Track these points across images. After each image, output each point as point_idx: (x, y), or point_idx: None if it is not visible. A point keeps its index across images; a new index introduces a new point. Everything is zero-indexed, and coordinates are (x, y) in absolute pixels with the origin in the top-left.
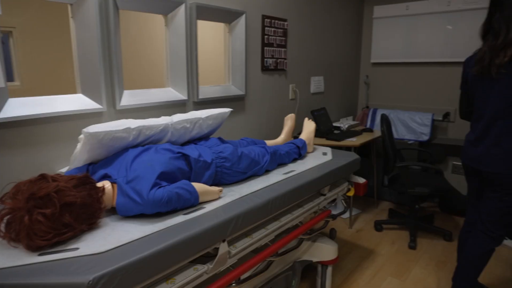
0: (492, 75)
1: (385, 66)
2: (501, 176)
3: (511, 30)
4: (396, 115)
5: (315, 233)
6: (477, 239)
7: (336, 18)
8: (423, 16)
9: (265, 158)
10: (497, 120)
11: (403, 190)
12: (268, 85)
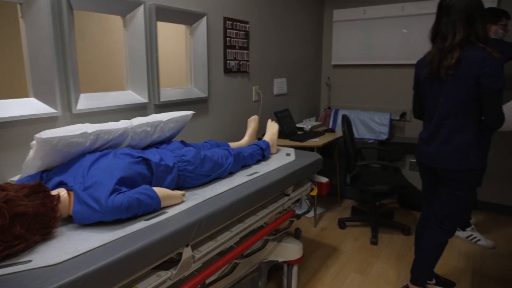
0: (441, 76)
1: (345, 68)
2: (452, 172)
3: (457, 33)
4: (356, 115)
5: (280, 233)
6: (431, 233)
7: (297, 21)
8: (380, 20)
9: (228, 160)
10: (447, 119)
11: (364, 188)
12: (231, 87)
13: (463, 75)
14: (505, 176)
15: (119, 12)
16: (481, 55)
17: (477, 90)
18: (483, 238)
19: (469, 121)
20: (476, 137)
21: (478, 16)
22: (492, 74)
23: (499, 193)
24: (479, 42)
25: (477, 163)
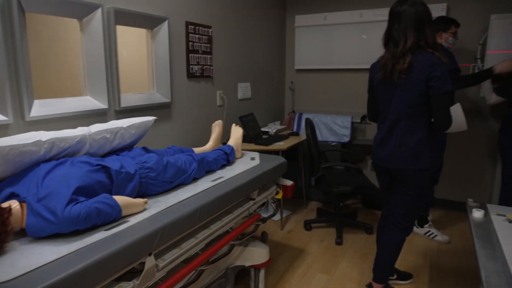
0: (394, 80)
1: (308, 72)
2: (406, 172)
3: (408, 39)
4: (319, 118)
5: (246, 237)
6: (390, 232)
7: (261, 26)
8: (340, 26)
9: (192, 166)
10: (399, 121)
11: (328, 189)
12: (194, 92)
13: (414, 79)
14: (457, 174)
15: (75, 16)
16: (431, 60)
17: (427, 93)
18: (440, 233)
19: (420, 123)
20: (427, 138)
21: (427, 23)
22: (440, 77)
23: (452, 190)
24: (428, 47)
25: (428, 163)
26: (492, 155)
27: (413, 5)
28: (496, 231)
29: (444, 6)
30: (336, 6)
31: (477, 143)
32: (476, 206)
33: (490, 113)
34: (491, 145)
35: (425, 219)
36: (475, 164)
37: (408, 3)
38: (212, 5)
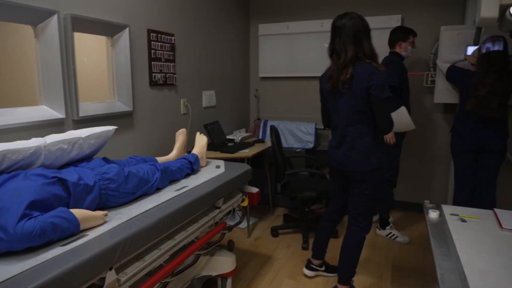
0: (339, 90)
1: (272, 80)
2: (359, 173)
3: (348, 51)
4: (284, 125)
5: (212, 246)
6: (350, 232)
7: (225, 34)
8: (302, 35)
9: (155, 175)
10: (348, 127)
11: (293, 195)
12: (158, 101)
13: (356, 88)
14: (415, 177)
15: (29, 22)
16: (369, 70)
17: (369, 100)
18: (400, 234)
19: (367, 127)
20: (374, 141)
21: (364, 36)
22: (378, 85)
23: (411, 192)
24: (367, 58)
25: (376, 163)
26: (446, 157)
27: (351, 19)
28: (450, 230)
29: (399, 17)
30: (297, 16)
31: (432, 146)
32: (432, 207)
33: (444, 118)
34: (445, 148)
35: (386, 221)
36: (432, 167)
37: (346, 17)
38: (175, 13)
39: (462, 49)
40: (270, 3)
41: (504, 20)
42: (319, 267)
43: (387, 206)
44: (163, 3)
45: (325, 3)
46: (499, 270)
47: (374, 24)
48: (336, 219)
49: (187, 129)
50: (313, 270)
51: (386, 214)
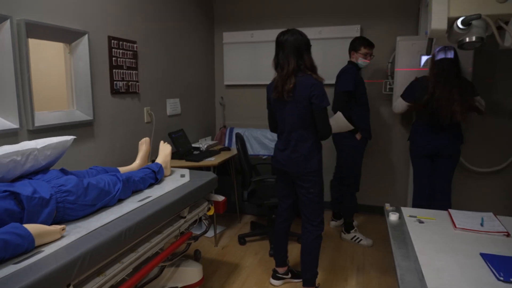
0: (285, 98)
1: (237, 88)
2: (302, 174)
3: (290, 64)
4: (250, 133)
5: (178, 257)
6: (306, 232)
7: (189, 42)
8: (266, 44)
9: (116, 186)
10: (292, 132)
11: (260, 202)
12: (120, 109)
13: (299, 97)
14: (376, 181)
15: None
16: (311, 81)
17: (311, 108)
18: (364, 238)
19: (309, 132)
20: (316, 144)
21: (305, 50)
22: (319, 95)
23: (373, 196)
24: (308, 70)
25: (317, 165)
26: (406, 162)
27: (293, 35)
28: (409, 232)
29: (358, 27)
30: (261, 24)
31: (392, 151)
32: (392, 210)
33: (402, 124)
34: (404, 153)
35: (351, 225)
36: (392, 171)
37: (288, 33)
38: (137, 20)
39: (417, 58)
40: (234, 11)
41: (452, 31)
42: (285, 275)
43: (351, 210)
44: (124, 10)
45: (288, 13)
46: (453, 268)
47: (335, 33)
48: (288, 219)
49: (151, 138)
50: (279, 279)
51: (350, 218)
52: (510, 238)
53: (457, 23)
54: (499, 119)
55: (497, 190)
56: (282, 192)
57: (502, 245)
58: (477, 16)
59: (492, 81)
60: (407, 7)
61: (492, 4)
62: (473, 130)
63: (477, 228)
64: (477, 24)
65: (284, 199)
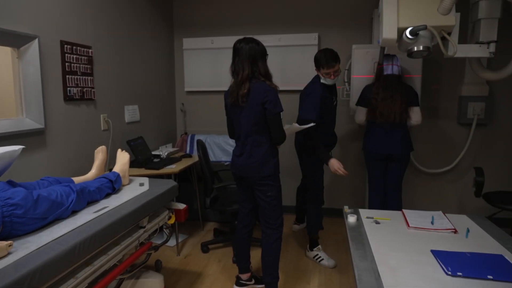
0: (240, 104)
1: (198, 94)
2: (258, 179)
3: (245, 70)
4: (212, 139)
5: (137, 269)
6: (265, 235)
7: (148, 48)
8: (226, 50)
9: (70, 197)
10: (248, 137)
11: (222, 208)
12: (74, 117)
13: (253, 102)
14: (336, 185)
15: None
16: (264, 88)
17: (265, 114)
18: (327, 258)
19: (264, 137)
20: (271, 149)
21: (259, 58)
22: (272, 101)
23: (334, 199)
24: (262, 76)
25: (272, 169)
26: (363, 165)
27: (248, 43)
28: (366, 233)
29: (316, 35)
30: (221, 31)
31: (350, 155)
32: (350, 212)
33: (359, 128)
34: (362, 157)
35: (315, 242)
36: (351, 175)
37: (244, 41)
38: (92, 25)
39: (371, 65)
40: (194, 18)
41: (402, 41)
42: (248, 281)
43: (316, 227)
44: (79, 14)
45: (248, 20)
46: (407, 265)
47: (294, 41)
48: (249, 224)
49: (108, 146)
50: (243, 285)
51: (315, 234)
52: (457, 234)
53: (406, 33)
54: (446, 123)
55: (446, 189)
56: (242, 197)
57: (450, 241)
58: (423, 27)
59: (439, 87)
60: (362, 16)
61: (436, 16)
62: (423, 134)
63: (428, 227)
64: (423, 34)
65: (244, 204)
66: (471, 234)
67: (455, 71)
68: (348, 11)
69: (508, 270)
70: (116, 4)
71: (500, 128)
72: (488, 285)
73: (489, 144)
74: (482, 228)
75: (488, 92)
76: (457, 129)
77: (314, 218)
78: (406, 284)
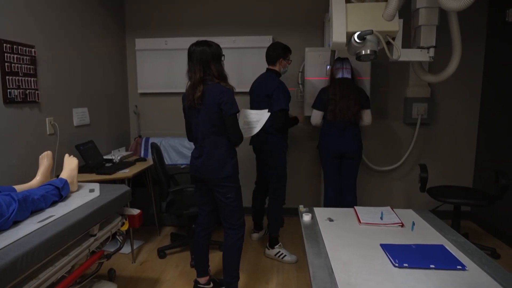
0: (196, 106)
1: (152, 96)
2: (217, 180)
3: (197, 73)
4: (167, 142)
5: (88, 279)
6: (227, 237)
7: (98, 48)
8: (181, 51)
9: (11, 207)
10: (205, 138)
11: (179, 212)
12: (16, 120)
13: (208, 104)
14: (293, 184)
15: None
16: (220, 89)
17: (221, 115)
18: (288, 253)
19: (222, 138)
20: (229, 150)
21: (211, 61)
22: (228, 101)
23: (291, 199)
24: (216, 78)
25: (231, 170)
26: (318, 164)
27: (199, 46)
28: (320, 231)
29: (271, 38)
30: (175, 32)
31: (305, 155)
32: (305, 211)
33: (313, 129)
34: (316, 157)
35: (275, 240)
36: (306, 174)
37: (196, 44)
38: (36, 23)
39: (323, 68)
40: (147, 18)
41: (351, 45)
42: (206, 285)
43: (277, 225)
44: (20, 12)
45: (203, 21)
46: (359, 260)
47: (248, 43)
48: (208, 226)
49: (55, 151)
50: None
51: (276, 233)
52: (404, 228)
53: (354, 37)
54: (393, 123)
55: (394, 186)
56: (201, 199)
57: (398, 235)
58: (370, 32)
59: (388, 89)
60: (314, 20)
61: (381, 22)
62: (372, 133)
63: (377, 222)
64: (370, 38)
65: (203, 206)
66: (416, 227)
67: (400, 74)
68: (301, 14)
69: (448, 259)
70: (62, 2)
71: (441, 127)
72: (431, 273)
73: (432, 142)
74: (426, 221)
75: (430, 94)
76: (403, 128)
77: (276, 216)
78: (357, 277)
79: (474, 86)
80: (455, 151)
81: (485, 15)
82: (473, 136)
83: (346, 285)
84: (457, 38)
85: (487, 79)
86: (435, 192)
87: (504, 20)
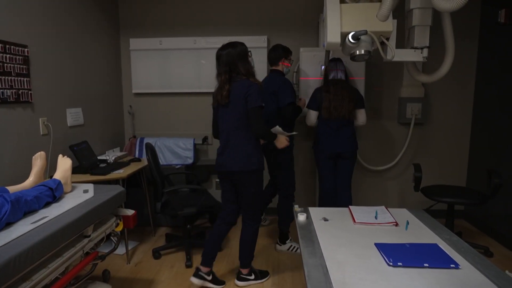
0: (223, 104)
1: (147, 96)
2: (242, 173)
3: (224, 74)
4: (162, 142)
5: (82, 280)
6: (246, 227)
7: (92, 48)
8: (176, 51)
9: (3, 209)
10: (231, 133)
11: (173, 213)
12: (9, 121)
13: (236, 99)
14: None
15: None
16: (246, 83)
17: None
18: None
19: (248, 133)
20: (255, 144)
21: (237, 60)
22: (253, 94)
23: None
24: (243, 76)
25: (257, 164)
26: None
27: (223, 49)
28: (315, 230)
29: (265, 38)
30: (170, 32)
31: (301, 155)
32: (300, 211)
33: (309, 129)
34: (311, 157)
35: (286, 236)
36: (302, 174)
37: (221, 48)
38: (29, 23)
39: (318, 68)
40: (141, 18)
41: (345, 45)
42: (206, 276)
43: (289, 221)
44: (13, 11)
45: (198, 21)
46: (353, 259)
47: None
48: (229, 222)
49: (49, 152)
50: (200, 278)
51: (287, 228)
52: (398, 227)
53: (348, 38)
54: (387, 123)
55: (388, 185)
56: (225, 197)
57: (392, 234)
58: (364, 32)
59: (382, 89)
60: (309, 20)
61: (375, 22)
62: (367, 133)
63: (372, 221)
64: (365, 39)
65: (227, 203)
66: (410, 226)
67: (394, 74)
68: (296, 15)
69: (441, 258)
70: (55, 1)
71: (435, 127)
72: (424, 272)
73: (425, 142)
74: (420, 220)
75: (424, 94)
76: (398, 128)
77: (287, 212)
78: (351, 277)
79: (468, 86)
80: (449, 150)
81: (478, 16)
82: (467, 135)
83: (341, 284)
84: (450, 39)
85: (480, 79)
86: (429, 191)
87: (497, 20)
